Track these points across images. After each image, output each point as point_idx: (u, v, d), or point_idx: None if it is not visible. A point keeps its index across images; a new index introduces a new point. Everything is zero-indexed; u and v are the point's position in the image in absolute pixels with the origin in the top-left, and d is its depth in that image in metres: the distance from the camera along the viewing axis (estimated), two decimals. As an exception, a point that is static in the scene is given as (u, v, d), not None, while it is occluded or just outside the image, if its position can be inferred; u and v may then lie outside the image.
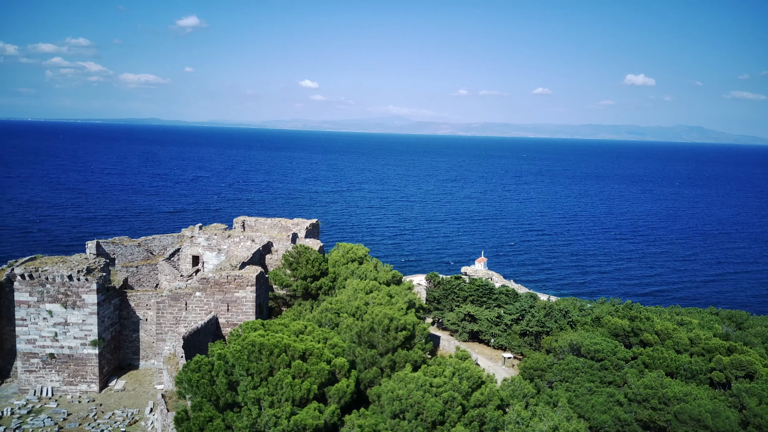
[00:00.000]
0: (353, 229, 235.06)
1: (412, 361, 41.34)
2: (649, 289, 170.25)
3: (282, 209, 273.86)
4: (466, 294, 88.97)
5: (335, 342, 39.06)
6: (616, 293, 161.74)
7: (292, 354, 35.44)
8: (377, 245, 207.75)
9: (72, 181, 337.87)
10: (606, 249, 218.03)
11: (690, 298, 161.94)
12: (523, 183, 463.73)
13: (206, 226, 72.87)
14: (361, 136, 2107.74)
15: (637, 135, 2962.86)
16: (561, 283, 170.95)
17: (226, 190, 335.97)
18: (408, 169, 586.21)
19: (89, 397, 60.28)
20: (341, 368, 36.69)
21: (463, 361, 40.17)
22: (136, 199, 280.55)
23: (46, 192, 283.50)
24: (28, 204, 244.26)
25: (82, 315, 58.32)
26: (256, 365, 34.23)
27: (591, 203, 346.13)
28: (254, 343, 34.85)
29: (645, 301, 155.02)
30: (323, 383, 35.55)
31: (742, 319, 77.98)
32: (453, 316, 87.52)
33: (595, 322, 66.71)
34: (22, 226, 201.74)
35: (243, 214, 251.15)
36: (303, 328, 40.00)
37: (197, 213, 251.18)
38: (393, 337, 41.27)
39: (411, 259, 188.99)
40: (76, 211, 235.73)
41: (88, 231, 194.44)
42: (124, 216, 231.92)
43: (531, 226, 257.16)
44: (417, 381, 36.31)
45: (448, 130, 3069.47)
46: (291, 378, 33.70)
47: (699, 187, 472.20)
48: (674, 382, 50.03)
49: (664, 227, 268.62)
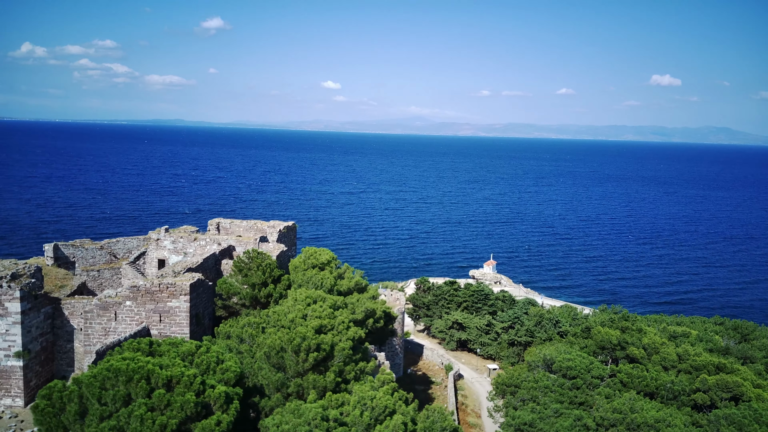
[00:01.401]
0: (367, 231, 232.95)
1: (321, 387, 36.18)
2: (667, 297, 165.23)
3: (297, 211, 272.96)
4: (460, 300, 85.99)
5: (228, 366, 34.08)
6: (632, 300, 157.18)
7: (155, 381, 30.28)
8: (390, 248, 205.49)
9: (92, 181, 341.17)
10: (626, 253, 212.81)
11: (707, 307, 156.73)
12: (544, 185, 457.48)
13: (174, 229, 69.98)
14: (383, 137, 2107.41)
15: (662, 136, 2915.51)
16: (576, 290, 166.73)
17: (244, 191, 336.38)
18: (427, 170, 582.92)
19: (12, 412, 55.99)
20: (217, 400, 31.06)
21: (373, 389, 35.40)
22: (152, 199, 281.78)
23: (64, 192, 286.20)
24: (46, 203, 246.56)
25: (5, 324, 53.94)
26: (111, 393, 29.74)
27: (612, 206, 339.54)
28: (111, 368, 30.06)
29: (662, 309, 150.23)
30: (189, 417, 29.81)
31: (748, 330, 73.35)
32: (441, 323, 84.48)
33: (585, 332, 63.12)
34: (36, 225, 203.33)
35: (258, 217, 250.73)
36: (194, 349, 34.72)
37: (212, 214, 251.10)
38: (303, 359, 36.40)
39: (422, 263, 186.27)
40: (92, 211, 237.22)
41: (101, 231, 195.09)
42: (139, 216, 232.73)
43: (549, 230, 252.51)
44: (308, 414, 31.45)
45: (470, 130, 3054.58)
46: (146, 410, 28.85)
47: (725, 190, 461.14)
48: (649, 405, 45.10)
49: (687, 231, 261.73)
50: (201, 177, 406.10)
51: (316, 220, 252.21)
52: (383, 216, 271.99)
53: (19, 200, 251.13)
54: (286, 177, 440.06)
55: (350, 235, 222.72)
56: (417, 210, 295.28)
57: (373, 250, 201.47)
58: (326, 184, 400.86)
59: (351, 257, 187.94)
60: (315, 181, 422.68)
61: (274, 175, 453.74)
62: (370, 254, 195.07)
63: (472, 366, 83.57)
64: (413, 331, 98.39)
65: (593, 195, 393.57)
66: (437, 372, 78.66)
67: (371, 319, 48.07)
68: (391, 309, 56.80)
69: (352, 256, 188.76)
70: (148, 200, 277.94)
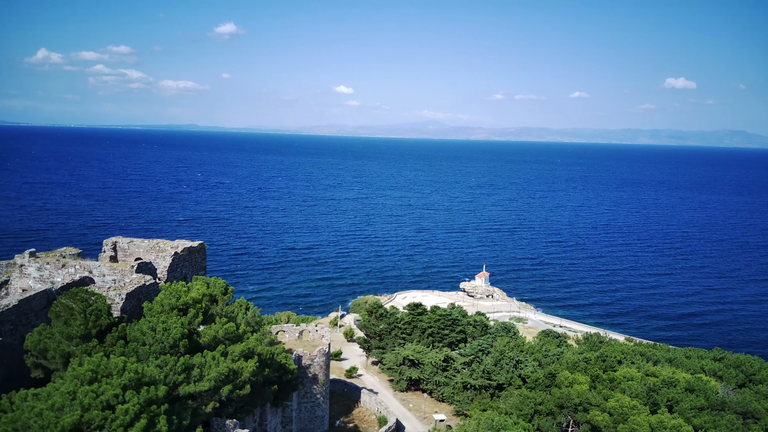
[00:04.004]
0: (366, 240, 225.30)
1: None
2: (675, 310, 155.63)
3: (296, 217, 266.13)
4: (425, 326, 75.58)
5: None
6: (634, 316, 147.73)
7: None
8: (387, 257, 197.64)
9: (93, 187, 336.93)
10: (634, 263, 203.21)
11: (717, 322, 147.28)
12: (554, 190, 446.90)
13: (44, 252, 56.07)
14: (396, 141, 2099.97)
15: (678, 140, 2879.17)
16: (576, 304, 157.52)
17: (246, 197, 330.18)
18: (437, 174, 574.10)
19: None
20: None
21: None
22: (151, 206, 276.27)
23: (63, 199, 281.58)
24: (40, 211, 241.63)
25: None
26: None
27: (624, 213, 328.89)
28: None
29: (666, 324, 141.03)
30: None
31: (753, 369, 62.34)
32: (391, 358, 72.51)
33: (548, 378, 53.87)
34: (21, 234, 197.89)
35: (256, 223, 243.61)
36: None
37: (209, 222, 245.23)
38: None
39: (418, 275, 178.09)
40: (85, 218, 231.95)
41: (88, 241, 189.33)
42: (132, 225, 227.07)
43: (555, 238, 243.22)
44: None
45: (483, 134, 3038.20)
46: None
47: (744, 195, 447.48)
48: None
49: (702, 239, 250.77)
50: (204, 183, 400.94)
51: (315, 227, 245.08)
52: (386, 223, 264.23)
53: (12, 207, 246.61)
54: (291, 182, 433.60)
55: (348, 244, 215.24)
56: (421, 217, 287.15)
57: (370, 260, 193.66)
58: (331, 190, 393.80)
59: (344, 269, 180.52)
60: (320, 186, 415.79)
61: (279, 180, 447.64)
62: (366, 264, 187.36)
63: (419, 414, 69.04)
64: (364, 366, 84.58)
65: (605, 201, 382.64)
66: (372, 424, 64.28)
67: (228, 386, 34.77)
68: (287, 359, 45.24)
69: (345, 268, 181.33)
70: (147, 207, 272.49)
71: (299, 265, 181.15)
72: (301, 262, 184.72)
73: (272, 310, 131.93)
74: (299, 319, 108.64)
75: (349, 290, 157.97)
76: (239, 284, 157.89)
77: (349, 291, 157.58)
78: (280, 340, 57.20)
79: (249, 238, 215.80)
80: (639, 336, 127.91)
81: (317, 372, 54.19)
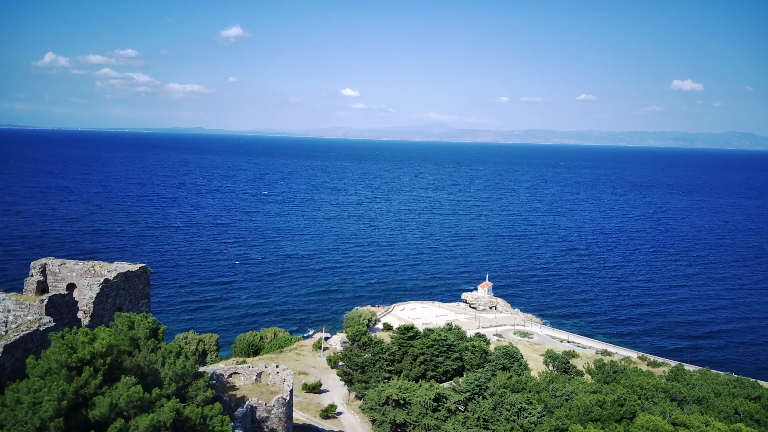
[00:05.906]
0: (369, 246, 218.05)
1: None
2: (694, 330, 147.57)
3: (298, 222, 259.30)
4: (417, 352, 66.55)
5: None
6: (651, 335, 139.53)
7: None
8: (390, 266, 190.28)
9: (92, 191, 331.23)
10: (646, 273, 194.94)
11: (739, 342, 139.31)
12: (562, 194, 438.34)
13: None
14: (402, 143, 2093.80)
15: (685, 142, 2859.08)
16: (587, 317, 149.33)
17: (248, 202, 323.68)
18: (442, 177, 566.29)
19: None
20: None
21: None
22: (150, 211, 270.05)
23: (60, 204, 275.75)
24: (35, 217, 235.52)
25: None
26: None
27: (635, 217, 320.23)
28: None
29: (684, 344, 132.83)
30: None
31: None
32: (374, 396, 61.95)
33: None
34: (8, 243, 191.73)
35: (255, 227, 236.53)
36: None
37: (206, 227, 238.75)
38: None
39: (418, 284, 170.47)
40: (80, 224, 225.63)
41: (81, 248, 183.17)
42: (128, 231, 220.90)
43: (565, 244, 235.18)
44: None
45: (489, 137, 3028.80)
46: None
47: (756, 198, 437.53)
48: None
49: (721, 245, 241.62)
50: (206, 186, 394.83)
51: (317, 233, 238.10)
52: (389, 228, 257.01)
53: (7, 213, 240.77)
54: (294, 186, 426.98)
55: (348, 251, 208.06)
56: (426, 222, 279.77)
57: (370, 268, 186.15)
58: (334, 193, 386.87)
59: (343, 278, 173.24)
60: (324, 190, 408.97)
61: (282, 184, 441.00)
62: (367, 274, 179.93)
63: (404, 468, 59.86)
64: (346, 401, 74.31)
65: (615, 205, 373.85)
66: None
67: None
68: (223, 424, 30.19)
69: (344, 277, 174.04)
70: (146, 212, 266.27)
71: (297, 274, 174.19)
72: (299, 271, 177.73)
73: (267, 323, 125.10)
74: (285, 336, 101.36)
75: (347, 302, 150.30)
76: (234, 296, 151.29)
77: (346, 303, 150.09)
78: (227, 391, 45.24)
79: (248, 246, 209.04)
80: (651, 353, 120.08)
81: (275, 426, 42.88)
